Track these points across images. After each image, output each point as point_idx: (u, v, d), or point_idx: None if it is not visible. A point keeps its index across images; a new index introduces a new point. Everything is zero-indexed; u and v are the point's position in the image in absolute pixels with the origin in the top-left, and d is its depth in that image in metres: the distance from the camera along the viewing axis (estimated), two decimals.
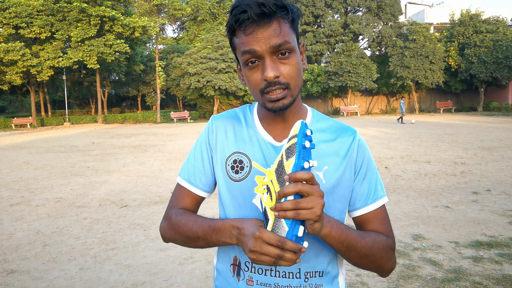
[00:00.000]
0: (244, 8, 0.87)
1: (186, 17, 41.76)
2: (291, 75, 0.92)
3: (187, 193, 1.08)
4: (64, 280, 3.44)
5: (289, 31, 0.92)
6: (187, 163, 1.10)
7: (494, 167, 8.08)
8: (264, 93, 0.93)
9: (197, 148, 1.09)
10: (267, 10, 0.87)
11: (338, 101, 35.07)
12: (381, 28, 32.98)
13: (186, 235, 1.01)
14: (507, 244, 3.90)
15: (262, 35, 0.89)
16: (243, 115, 1.09)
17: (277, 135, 1.03)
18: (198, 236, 0.98)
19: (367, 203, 1.04)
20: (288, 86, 0.92)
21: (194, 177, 1.07)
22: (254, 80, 0.93)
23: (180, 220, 1.02)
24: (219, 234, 0.93)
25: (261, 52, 0.89)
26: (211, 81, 29.08)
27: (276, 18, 0.89)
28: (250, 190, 0.98)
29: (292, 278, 0.98)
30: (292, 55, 0.92)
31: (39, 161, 11.25)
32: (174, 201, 1.10)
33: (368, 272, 3.39)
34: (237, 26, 0.91)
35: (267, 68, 0.89)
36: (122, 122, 33.53)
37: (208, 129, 1.08)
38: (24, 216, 5.53)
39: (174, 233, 1.04)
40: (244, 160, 1.01)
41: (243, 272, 1.00)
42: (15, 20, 28.82)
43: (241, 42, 0.91)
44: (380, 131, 17.35)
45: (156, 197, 6.47)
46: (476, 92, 33.71)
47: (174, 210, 1.07)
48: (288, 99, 0.93)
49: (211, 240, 0.96)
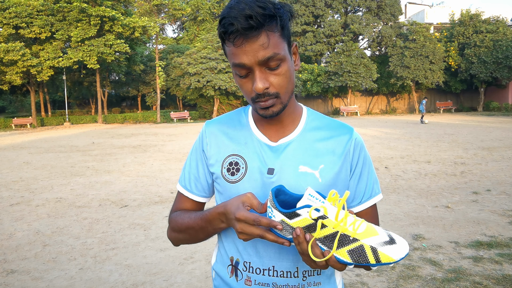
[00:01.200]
0: (232, 21, 0.86)
1: (186, 17, 41.74)
2: (281, 84, 0.93)
3: (186, 199, 1.12)
4: (64, 280, 3.44)
5: (279, 40, 0.90)
6: (184, 169, 1.13)
7: (494, 167, 8.08)
8: (255, 101, 0.94)
9: (192, 154, 1.12)
10: (254, 23, 0.85)
11: (338, 101, 35.07)
12: (381, 28, 32.98)
13: (186, 232, 1.05)
14: (507, 244, 3.90)
15: (250, 48, 0.88)
16: (238, 117, 1.10)
17: (272, 135, 1.03)
18: (196, 230, 1.02)
19: (362, 201, 1.05)
20: (277, 96, 0.93)
21: (190, 184, 1.10)
22: (246, 89, 0.95)
23: (177, 220, 1.07)
24: (212, 223, 0.97)
25: (250, 65, 0.90)
26: (211, 81, 29.08)
27: (265, 30, 0.88)
28: (247, 191, 0.98)
29: (290, 277, 0.98)
30: (282, 65, 0.92)
31: (39, 161, 11.25)
32: (174, 206, 1.14)
33: (368, 272, 3.39)
34: (226, 37, 0.90)
35: (256, 80, 0.90)
36: (122, 122, 33.52)
37: (202, 135, 1.10)
38: (24, 216, 5.53)
39: (177, 233, 1.08)
40: (240, 162, 1.01)
41: (241, 272, 1.01)
42: (15, 20, 28.82)
43: (231, 52, 0.92)
44: (380, 131, 17.34)
45: (156, 197, 6.47)
46: (476, 92, 33.72)
47: (174, 213, 1.11)
48: (278, 106, 0.95)
49: (208, 230, 1.00)
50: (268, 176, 0.98)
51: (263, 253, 0.99)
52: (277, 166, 0.99)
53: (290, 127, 1.04)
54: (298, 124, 1.05)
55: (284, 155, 1.00)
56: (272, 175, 0.98)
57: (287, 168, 0.98)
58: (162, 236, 4.52)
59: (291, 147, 1.01)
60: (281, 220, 0.83)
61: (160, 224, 5.00)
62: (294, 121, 1.05)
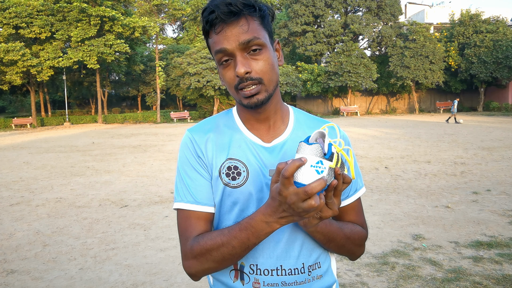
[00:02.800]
0: (212, 9, 0.91)
1: (186, 17, 41.73)
2: (263, 70, 0.93)
3: (197, 217, 0.99)
4: (64, 280, 3.44)
5: (259, 27, 0.93)
6: (180, 185, 1.01)
7: (494, 167, 8.08)
8: (239, 89, 0.94)
9: (186, 167, 1.02)
10: (233, 8, 0.89)
11: (338, 101, 35.06)
12: (381, 28, 32.97)
13: (220, 256, 0.91)
14: (507, 244, 3.90)
15: (231, 33, 0.91)
16: (223, 121, 1.07)
17: (263, 135, 1.03)
18: (233, 246, 0.89)
19: (349, 195, 1.08)
20: (261, 81, 0.93)
21: (196, 195, 1.00)
22: (229, 78, 0.94)
23: (205, 243, 0.93)
24: (257, 230, 0.86)
25: (231, 50, 0.91)
26: (211, 81, 29.08)
27: (244, 16, 0.91)
28: (252, 194, 0.98)
29: (298, 274, 0.99)
30: (264, 51, 0.93)
31: (39, 161, 11.25)
32: (186, 233, 0.99)
33: (368, 272, 3.40)
34: (208, 26, 0.94)
35: (238, 64, 0.91)
36: (122, 122, 33.53)
37: (191, 143, 1.03)
38: (24, 216, 5.53)
39: (205, 262, 0.94)
40: (239, 165, 1.00)
41: (248, 275, 1.00)
42: (15, 20, 28.84)
43: (213, 41, 0.94)
44: (380, 131, 17.34)
45: (156, 197, 6.47)
46: (476, 92, 33.71)
47: (191, 241, 0.96)
48: (263, 94, 0.94)
49: (250, 242, 0.88)
50: (271, 177, 0.98)
51: (271, 253, 0.99)
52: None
53: (281, 126, 1.04)
54: (288, 123, 1.06)
55: (281, 155, 1.00)
56: None
57: None
58: (162, 236, 4.52)
59: (286, 147, 1.01)
60: (329, 167, 0.76)
61: (160, 224, 5.00)
62: (283, 120, 1.05)
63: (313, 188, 0.72)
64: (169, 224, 4.96)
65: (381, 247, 3.96)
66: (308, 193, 0.72)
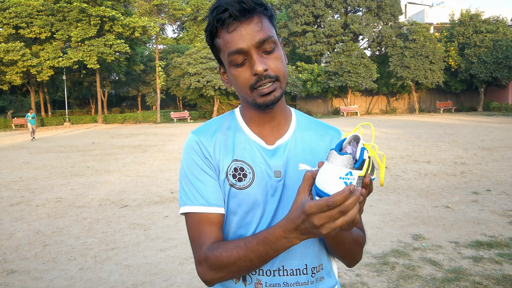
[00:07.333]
0: (225, 7, 0.89)
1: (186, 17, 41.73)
2: (279, 67, 0.93)
3: (209, 221, 0.96)
4: (64, 280, 3.44)
5: (270, 25, 0.94)
6: (192, 190, 0.98)
7: (494, 167, 8.07)
8: (255, 88, 0.93)
9: (194, 170, 0.99)
10: (247, 6, 0.89)
11: (338, 101, 35.05)
12: (381, 28, 32.96)
13: (237, 268, 0.90)
14: (507, 244, 3.90)
15: (245, 31, 0.90)
16: (227, 122, 1.07)
17: (267, 136, 1.03)
18: (250, 259, 0.88)
19: None
20: (277, 79, 0.93)
21: (209, 197, 0.97)
22: (243, 78, 0.93)
23: (221, 255, 0.91)
24: (276, 244, 0.84)
25: (247, 49, 0.90)
26: (211, 81, 29.08)
27: (257, 14, 0.91)
28: (258, 196, 0.98)
29: (300, 274, 0.99)
30: (276, 49, 0.94)
31: (39, 161, 11.25)
32: (199, 239, 0.96)
33: (368, 272, 3.40)
34: (219, 25, 0.91)
35: (256, 62, 0.90)
36: (122, 122, 33.52)
37: (197, 145, 1.01)
38: (24, 216, 5.53)
39: (220, 271, 0.92)
40: (245, 167, 0.99)
41: (250, 276, 0.99)
42: (15, 20, 28.84)
43: (225, 42, 0.92)
44: (380, 131, 17.34)
45: (156, 197, 6.47)
46: (476, 92, 33.70)
47: (206, 248, 0.94)
48: (278, 91, 0.95)
49: (268, 256, 0.87)
50: (276, 179, 0.98)
51: None
52: (282, 167, 1.00)
53: (284, 127, 1.05)
54: (290, 123, 1.06)
55: (285, 156, 1.01)
56: (280, 178, 0.99)
57: (290, 168, 1.00)
58: (162, 236, 4.52)
59: (289, 148, 1.02)
60: (358, 176, 0.74)
61: (160, 224, 5.00)
62: (287, 120, 1.06)
63: (348, 207, 0.71)
64: (169, 224, 4.96)
65: (381, 247, 3.96)
66: (343, 213, 0.71)
